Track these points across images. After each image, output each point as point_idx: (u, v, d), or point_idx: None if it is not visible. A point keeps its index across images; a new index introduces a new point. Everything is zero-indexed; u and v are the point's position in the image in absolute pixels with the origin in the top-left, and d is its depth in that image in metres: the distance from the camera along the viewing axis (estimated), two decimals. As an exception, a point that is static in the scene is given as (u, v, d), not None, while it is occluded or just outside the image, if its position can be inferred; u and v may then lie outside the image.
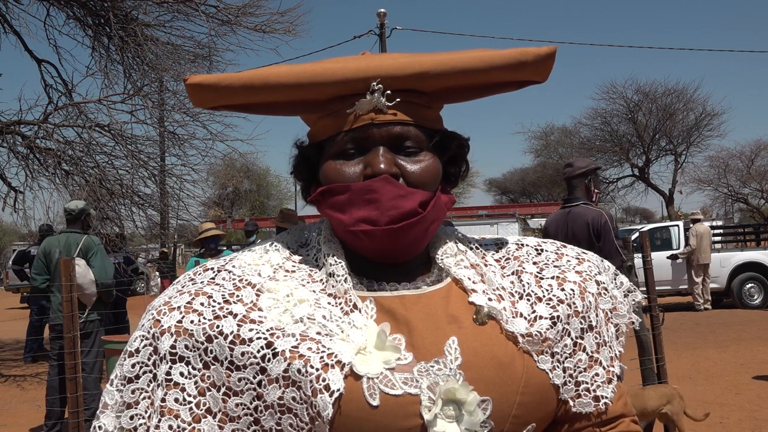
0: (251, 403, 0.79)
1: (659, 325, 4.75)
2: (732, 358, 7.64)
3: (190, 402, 0.80)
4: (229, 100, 0.91)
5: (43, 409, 5.31)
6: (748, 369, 7.12)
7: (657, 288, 5.05)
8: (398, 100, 0.88)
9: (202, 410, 0.80)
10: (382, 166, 0.85)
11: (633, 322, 0.98)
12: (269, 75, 0.88)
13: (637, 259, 4.83)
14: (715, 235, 16.27)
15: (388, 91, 0.87)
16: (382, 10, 17.89)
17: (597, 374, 0.91)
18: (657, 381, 4.70)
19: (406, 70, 0.88)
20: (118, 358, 0.87)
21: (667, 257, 12.33)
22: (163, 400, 0.80)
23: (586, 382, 0.90)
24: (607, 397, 0.90)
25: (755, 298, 12.30)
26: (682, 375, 6.79)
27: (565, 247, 1.01)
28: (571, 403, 0.89)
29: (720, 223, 26.44)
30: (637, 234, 9.42)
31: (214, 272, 0.90)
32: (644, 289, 5.00)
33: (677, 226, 13.15)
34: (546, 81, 0.95)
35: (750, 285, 12.38)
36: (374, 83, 0.87)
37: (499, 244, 1.02)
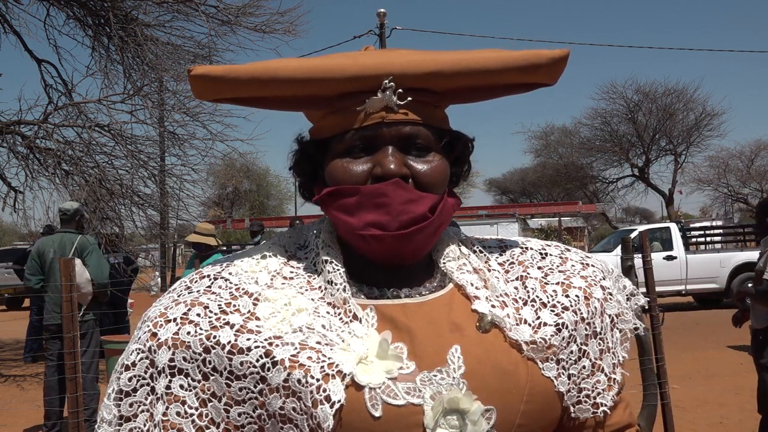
0: (254, 412, 0.78)
1: (659, 325, 4.74)
2: (732, 358, 7.63)
3: (192, 414, 0.79)
4: (234, 93, 0.89)
5: (43, 409, 5.31)
6: (748, 369, 7.09)
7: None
8: (410, 99, 0.85)
9: (204, 421, 0.79)
10: (392, 166, 0.83)
11: (637, 328, 0.96)
12: (278, 69, 0.86)
13: (637, 260, 4.83)
14: (714, 234, 16.28)
15: (400, 90, 0.85)
16: (382, 10, 17.88)
17: (599, 381, 0.90)
18: (657, 381, 4.69)
19: (420, 68, 0.86)
20: (118, 358, 0.87)
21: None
22: (164, 414, 0.79)
23: (588, 389, 0.89)
24: (606, 405, 0.89)
25: None
26: (682, 375, 6.78)
27: (569, 251, 0.99)
28: (572, 409, 0.87)
29: (720, 223, 26.42)
30: (636, 233, 9.42)
31: (210, 280, 0.88)
32: (644, 290, 5.01)
33: (669, 227, 13.13)
34: (555, 84, 0.93)
35: (750, 285, 12.35)
36: (386, 81, 0.84)
37: (502, 247, 0.99)
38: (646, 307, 1.03)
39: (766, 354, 4.00)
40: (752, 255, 12.72)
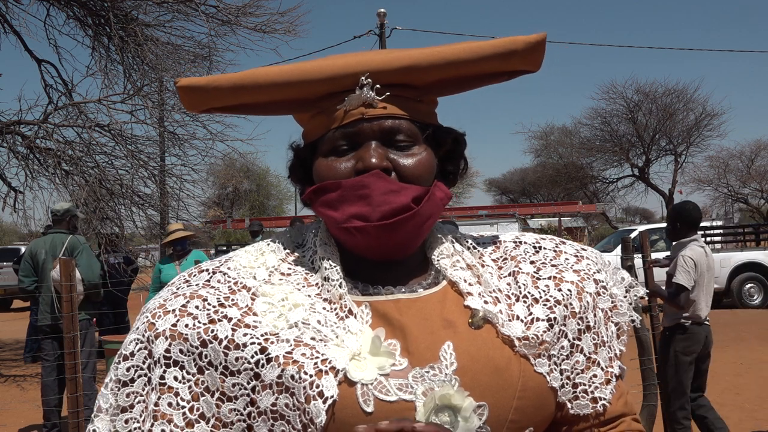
0: (244, 409, 0.79)
1: (659, 325, 4.74)
2: (732, 358, 7.62)
3: (183, 407, 0.79)
4: (220, 102, 0.91)
5: (42, 409, 5.31)
6: (748, 369, 7.11)
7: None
8: (388, 93, 0.87)
9: (195, 415, 0.79)
10: (373, 159, 0.84)
11: (634, 320, 0.96)
12: (258, 75, 0.88)
13: (637, 259, 4.84)
14: (714, 235, 16.29)
15: (378, 86, 0.86)
16: (382, 10, 17.87)
17: (595, 375, 0.90)
18: (657, 381, 4.69)
19: (394, 63, 0.87)
20: (118, 358, 0.87)
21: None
22: (156, 404, 0.79)
23: (584, 384, 0.89)
24: (605, 399, 0.89)
25: (755, 298, 12.31)
26: (682, 375, 6.77)
27: (564, 243, 0.99)
28: (569, 405, 0.88)
29: (720, 222, 26.46)
30: (636, 233, 9.41)
31: (209, 274, 0.89)
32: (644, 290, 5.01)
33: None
34: (539, 70, 0.94)
35: (750, 285, 12.37)
36: (363, 78, 0.86)
37: (496, 243, 1.00)
38: (646, 298, 1.02)
39: (671, 350, 4.32)
40: (752, 255, 12.71)
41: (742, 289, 12.35)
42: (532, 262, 0.95)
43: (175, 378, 0.80)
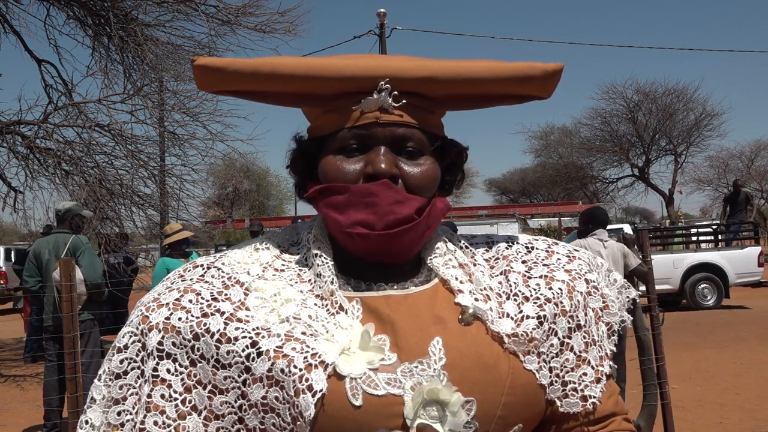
0: (236, 402, 0.80)
1: (659, 325, 4.75)
2: (732, 358, 7.63)
3: (176, 399, 0.80)
4: (235, 86, 0.91)
5: (43, 409, 5.32)
6: (748, 369, 7.12)
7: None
8: (404, 101, 0.88)
9: (187, 407, 0.80)
10: (383, 165, 0.85)
11: (625, 321, 0.97)
12: (278, 64, 0.88)
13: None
14: (670, 236, 16.17)
15: (395, 92, 0.87)
16: (382, 10, 17.89)
17: (585, 374, 0.91)
18: (657, 381, 4.70)
19: (414, 72, 0.88)
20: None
21: None
22: (149, 395, 0.81)
23: (574, 382, 0.90)
24: (595, 397, 0.90)
25: (708, 298, 12.06)
26: (682, 375, 6.78)
27: (556, 244, 1.00)
28: (558, 403, 0.88)
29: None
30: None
31: (203, 269, 0.90)
32: (644, 288, 5.04)
33: (622, 228, 12.65)
34: (549, 98, 0.96)
35: (703, 285, 12.13)
36: (382, 82, 0.87)
37: (489, 243, 1.02)
38: (637, 300, 1.03)
39: None
40: (705, 256, 12.46)
41: (696, 290, 12.10)
42: (523, 262, 0.96)
43: (168, 370, 0.81)
